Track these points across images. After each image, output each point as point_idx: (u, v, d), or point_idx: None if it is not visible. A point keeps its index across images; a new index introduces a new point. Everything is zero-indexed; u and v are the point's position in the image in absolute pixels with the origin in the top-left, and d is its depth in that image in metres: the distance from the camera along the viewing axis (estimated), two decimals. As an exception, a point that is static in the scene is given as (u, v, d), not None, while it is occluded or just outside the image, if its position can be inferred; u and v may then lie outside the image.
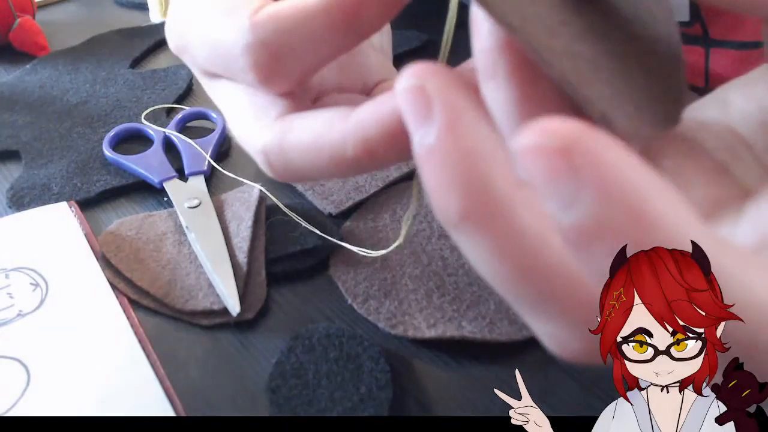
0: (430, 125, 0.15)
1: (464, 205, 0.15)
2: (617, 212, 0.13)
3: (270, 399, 0.30)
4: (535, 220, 0.15)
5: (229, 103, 0.25)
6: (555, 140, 0.13)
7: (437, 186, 0.15)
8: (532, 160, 0.13)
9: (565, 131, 0.13)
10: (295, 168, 0.22)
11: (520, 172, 0.13)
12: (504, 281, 0.16)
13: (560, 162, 0.13)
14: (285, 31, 0.21)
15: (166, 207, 0.42)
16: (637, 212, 0.13)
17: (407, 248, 0.37)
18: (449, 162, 0.15)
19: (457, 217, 0.15)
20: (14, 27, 0.61)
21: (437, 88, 0.15)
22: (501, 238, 0.15)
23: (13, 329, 0.34)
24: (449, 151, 0.15)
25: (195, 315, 0.35)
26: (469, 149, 0.15)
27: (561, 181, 0.13)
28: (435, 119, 0.15)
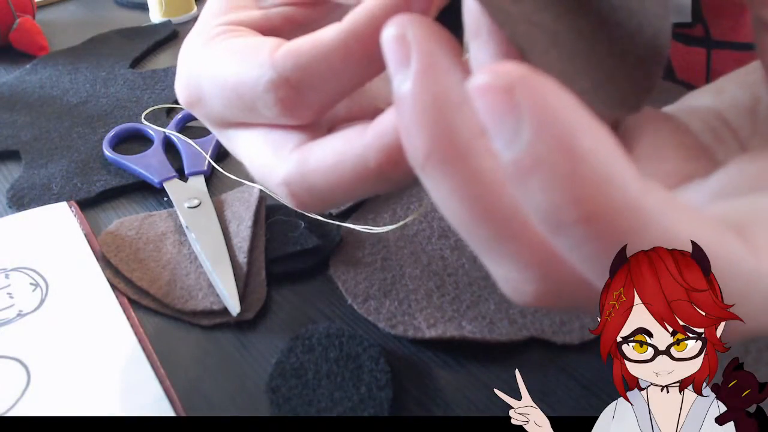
0: (407, 71, 0.16)
1: (429, 146, 0.16)
2: (550, 147, 0.14)
3: (270, 399, 0.30)
4: (492, 166, 0.16)
5: (246, 147, 0.25)
6: (501, 79, 0.14)
7: (407, 127, 0.16)
8: (481, 98, 0.14)
9: (512, 73, 0.14)
10: (319, 193, 0.22)
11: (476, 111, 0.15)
12: (463, 221, 0.17)
13: (504, 99, 0.14)
14: (305, 66, 0.22)
15: (166, 207, 0.42)
16: (567, 148, 0.13)
17: (407, 248, 0.37)
18: (419, 105, 0.16)
19: (423, 157, 0.16)
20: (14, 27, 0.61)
21: (416, 37, 0.16)
22: (460, 179, 0.16)
23: (13, 329, 0.34)
24: (420, 96, 0.16)
25: (195, 315, 0.35)
26: (438, 95, 0.16)
27: (503, 117, 0.14)
28: (411, 66, 0.16)
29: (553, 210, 0.14)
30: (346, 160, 0.21)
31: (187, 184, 0.43)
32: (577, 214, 0.14)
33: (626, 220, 0.14)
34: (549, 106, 0.14)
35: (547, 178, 0.14)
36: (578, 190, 0.14)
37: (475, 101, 0.14)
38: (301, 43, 0.22)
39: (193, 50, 0.26)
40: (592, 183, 0.14)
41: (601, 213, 0.14)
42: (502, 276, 0.17)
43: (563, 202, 0.14)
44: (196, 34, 0.26)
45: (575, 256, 0.15)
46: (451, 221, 0.17)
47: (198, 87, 0.25)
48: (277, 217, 0.39)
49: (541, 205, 0.14)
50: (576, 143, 0.14)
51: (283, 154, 0.23)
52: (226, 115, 0.25)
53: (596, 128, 0.14)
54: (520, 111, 0.14)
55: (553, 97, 0.14)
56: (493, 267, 0.17)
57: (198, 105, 0.26)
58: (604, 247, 0.14)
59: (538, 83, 0.14)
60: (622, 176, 0.14)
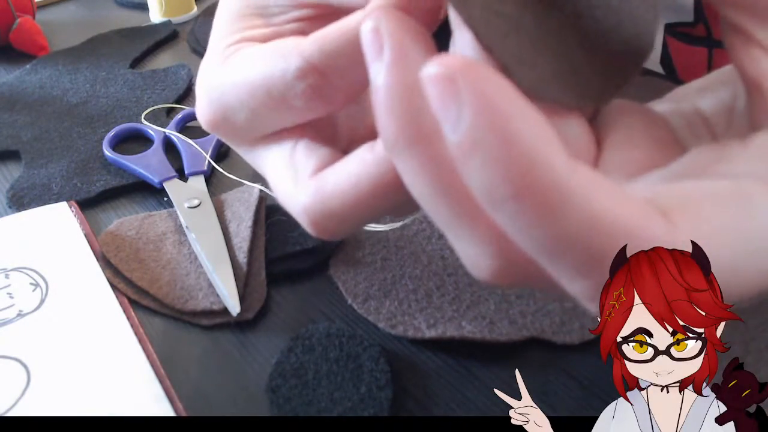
0: (381, 62, 0.18)
1: (397, 130, 0.18)
2: (485, 130, 0.15)
3: (270, 399, 0.30)
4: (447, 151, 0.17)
5: (269, 168, 0.26)
6: (446, 70, 0.15)
7: (381, 113, 0.18)
8: (430, 86, 0.15)
9: (457, 64, 0.15)
10: (339, 217, 0.23)
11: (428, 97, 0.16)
12: (427, 200, 0.18)
13: (448, 86, 0.15)
14: (332, 52, 0.23)
15: (166, 207, 0.42)
16: (500, 132, 0.15)
17: (407, 248, 0.37)
18: (390, 93, 0.18)
19: (392, 140, 0.18)
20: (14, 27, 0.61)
21: (389, 29, 0.18)
22: (423, 160, 0.18)
23: (13, 329, 0.34)
24: (391, 84, 0.18)
25: (195, 315, 0.35)
26: (407, 84, 0.17)
27: (448, 103, 0.15)
28: (384, 57, 0.18)
29: (489, 188, 0.15)
30: (362, 178, 0.22)
31: (187, 184, 0.43)
32: (508, 191, 0.15)
33: (551, 197, 0.15)
34: (486, 94, 0.15)
35: (483, 158, 0.15)
36: (509, 169, 0.15)
37: (426, 89, 0.15)
38: (327, 31, 0.23)
39: (211, 71, 0.26)
40: (521, 163, 0.15)
41: (528, 190, 0.15)
42: (462, 252, 0.19)
43: (497, 180, 0.15)
44: (211, 57, 0.27)
45: (512, 231, 0.16)
46: (418, 200, 0.19)
47: (221, 103, 0.26)
48: (277, 217, 0.39)
49: (480, 183, 0.16)
50: (508, 127, 0.15)
51: (303, 181, 0.24)
52: (253, 126, 0.26)
53: (530, 114, 0.15)
54: (461, 98, 0.15)
55: (490, 86, 0.15)
56: (455, 243, 0.19)
57: (223, 123, 0.26)
58: (532, 221, 0.15)
59: (479, 73, 0.15)
60: (550, 158, 0.15)
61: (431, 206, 0.18)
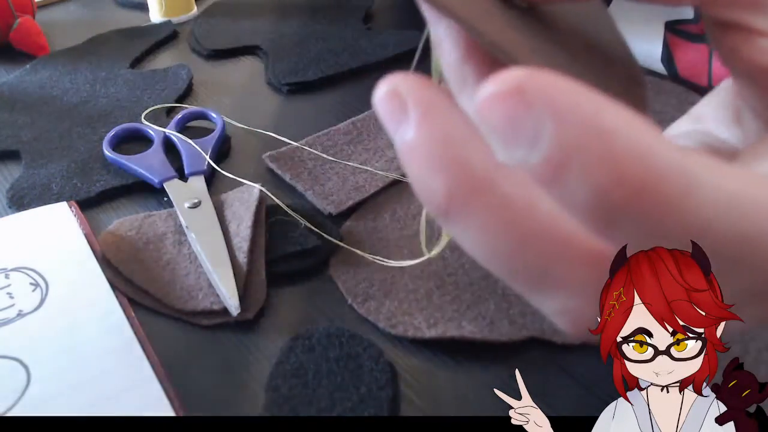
0: (408, 122, 0.16)
1: (448, 186, 0.15)
2: (576, 132, 0.13)
3: (270, 399, 0.30)
4: (518, 190, 0.15)
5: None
6: (507, 84, 0.13)
7: (420, 176, 0.16)
8: (492, 110, 0.14)
9: (514, 75, 0.13)
10: None
11: (485, 130, 0.14)
12: (503, 256, 0.16)
13: (516, 100, 0.13)
14: None
15: (166, 207, 0.42)
16: (595, 128, 0.13)
17: (407, 248, 0.37)
18: (428, 150, 0.15)
19: (444, 199, 0.16)
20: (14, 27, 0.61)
21: (409, 87, 0.16)
22: (490, 210, 0.15)
23: (13, 329, 0.34)
24: (427, 140, 0.16)
25: (195, 315, 0.35)
26: (446, 135, 0.15)
27: (521, 119, 0.13)
28: (410, 115, 0.16)
29: (600, 196, 0.13)
30: None
31: (187, 184, 0.43)
32: (626, 190, 0.13)
33: (675, 184, 0.13)
34: (562, 95, 0.13)
35: (583, 164, 0.13)
36: (620, 165, 0.13)
37: (486, 116, 0.14)
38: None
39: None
40: (632, 155, 0.13)
41: (649, 182, 0.13)
42: (559, 307, 0.16)
43: (609, 182, 0.13)
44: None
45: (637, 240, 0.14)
46: (491, 265, 0.16)
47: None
48: (278, 217, 0.39)
49: (585, 197, 0.14)
50: (602, 122, 0.13)
51: None
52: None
53: (613, 104, 0.14)
54: (535, 107, 0.13)
55: (562, 86, 0.13)
56: (547, 300, 0.17)
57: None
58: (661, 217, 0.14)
59: (543, 76, 0.13)
60: (659, 143, 0.13)
61: (510, 263, 0.16)
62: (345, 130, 0.47)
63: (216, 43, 0.60)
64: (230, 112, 0.51)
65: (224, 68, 0.58)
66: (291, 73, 0.55)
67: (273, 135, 0.47)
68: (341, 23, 0.62)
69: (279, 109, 0.52)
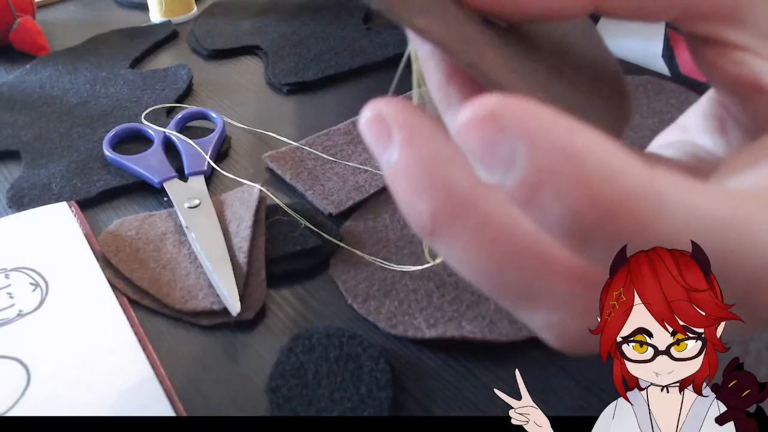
0: (392, 145, 0.16)
1: (433, 206, 0.16)
2: (548, 156, 0.14)
3: (270, 399, 0.30)
4: (501, 209, 0.16)
5: None
6: (481, 110, 0.14)
7: (406, 197, 0.16)
8: (469, 135, 0.14)
9: (490, 102, 0.14)
10: None
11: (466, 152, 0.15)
12: (487, 273, 0.16)
13: (490, 126, 0.14)
14: None
15: (166, 207, 0.42)
16: (566, 151, 0.14)
17: (407, 248, 0.37)
18: (413, 172, 0.16)
19: (429, 220, 0.16)
20: (14, 27, 0.61)
21: (392, 112, 0.16)
22: (472, 230, 0.16)
23: (13, 329, 0.34)
24: (411, 162, 0.16)
25: (195, 315, 0.35)
26: (429, 157, 0.16)
27: (495, 144, 0.14)
28: (394, 139, 0.16)
29: (573, 218, 0.14)
30: None
31: (187, 184, 0.43)
32: (598, 212, 0.14)
33: (645, 204, 0.14)
34: (534, 120, 0.14)
35: (556, 187, 0.14)
36: (591, 188, 0.14)
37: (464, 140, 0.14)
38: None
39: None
40: (602, 176, 0.14)
41: (620, 203, 0.14)
42: (544, 322, 0.17)
43: (581, 204, 0.14)
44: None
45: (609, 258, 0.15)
46: (475, 280, 0.17)
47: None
48: (277, 217, 0.39)
49: (559, 218, 0.14)
50: (573, 145, 0.14)
51: None
52: None
53: (583, 127, 0.14)
54: (510, 132, 0.14)
55: (535, 110, 0.14)
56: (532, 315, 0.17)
57: None
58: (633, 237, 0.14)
59: (516, 102, 0.14)
60: (628, 164, 0.14)
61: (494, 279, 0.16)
62: (345, 130, 0.47)
63: (216, 43, 0.60)
64: (230, 112, 0.51)
65: (224, 68, 0.58)
66: (291, 73, 0.55)
67: (273, 135, 0.47)
68: (341, 23, 0.62)
69: (279, 109, 0.52)
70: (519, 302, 0.17)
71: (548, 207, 0.14)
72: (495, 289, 0.17)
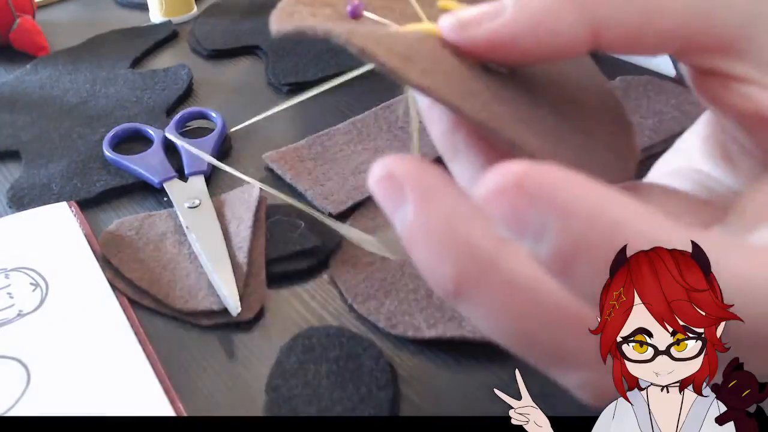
0: (406, 205, 0.16)
1: (455, 270, 0.15)
2: (582, 228, 0.13)
3: (270, 399, 0.30)
4: (526, 268, 0.15)
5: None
6: (507, 179, 0.13)
7: (426, 260, 0.15)
8: (494, 205, 0.14)
9: (514, 169, 0.13)
10: None
11: (492, 221, 0.14)
12: (518, 335, 0.16)
13: (518, 196, 0.13)
14: None
15: (166, 207, 0.42)
16: (599, 220, 0.13)
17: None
18: (431, 233, 0.15)
19: (453, 284, 0.15)
20: (14, 27, 0.61)
21: (405, 170, 0.16)
22: (499, 292, 0.15)
23: (13, 329, 0.34)
24: (428, 222, 0.15)
25: (195, 315, 0.35)
26: (447, 216, 0.15)
27: (524, 214, 0.13)
28: (408, 198, 0.15)
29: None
30: None
31: (187, 184, 0.43)
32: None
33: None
34: (563, 189, 0.13)
35: (592, 259, 0.13)
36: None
37: (490, 209, 0.14)
38: None
39: None
40: (642, 246, 0.14)
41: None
42: (578, 382, 0.16)
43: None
44: None
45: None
46: (503, 341, 0.16)
47: None
48: (277, 217, 0.39)
49: (597, 287, 0.14)
50: (609, 215, 0.13)
51: None
52: None
53: (615, 193, 0.14)
54: (537, 202, 0.13)
55: (561, 178, 0.13)
56: (565, 375, 0.17)
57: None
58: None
59: (543, 171, 0.13)
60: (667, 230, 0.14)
61: (525, 341, 0.16)
62: (345, 130, 0.47)
63: (216, 43, 0.60)
64: (230, 112, 0.51)
65: (224, 68, 0.58)
66: (291, 73, 0.55)
67: (273, 135, 0.47)
68: (341, 23, 0.62)
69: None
70: (550, 362, 0.16)
71: (583, 277, 0.14)
72: (525, 350, 0.16)
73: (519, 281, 0.15)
